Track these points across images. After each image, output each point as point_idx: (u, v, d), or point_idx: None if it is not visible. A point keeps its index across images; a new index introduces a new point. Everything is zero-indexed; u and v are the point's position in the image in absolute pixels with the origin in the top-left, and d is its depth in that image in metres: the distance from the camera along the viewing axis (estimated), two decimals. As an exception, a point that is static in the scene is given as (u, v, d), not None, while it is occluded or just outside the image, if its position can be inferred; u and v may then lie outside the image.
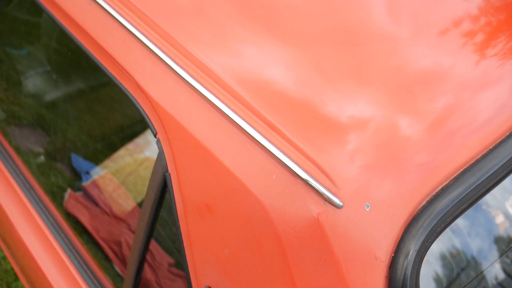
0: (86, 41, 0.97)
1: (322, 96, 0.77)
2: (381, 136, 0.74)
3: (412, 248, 0.69)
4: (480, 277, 0.90)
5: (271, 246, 0.73)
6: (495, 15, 0.94)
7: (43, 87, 2.01)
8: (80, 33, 0.97)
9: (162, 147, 0.85)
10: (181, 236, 0.85)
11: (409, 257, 0.69)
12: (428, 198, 0.72)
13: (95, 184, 1.87)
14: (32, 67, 2.03)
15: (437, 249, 0.85)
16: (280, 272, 0.73)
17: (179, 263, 1.69)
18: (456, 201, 0.71)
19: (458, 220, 0.81)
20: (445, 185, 0.73)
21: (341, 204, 0.69)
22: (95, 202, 1.82)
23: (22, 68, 2.02)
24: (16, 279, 2.11)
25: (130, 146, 1.98)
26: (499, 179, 0.75)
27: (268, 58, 0.81)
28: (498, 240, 0.93)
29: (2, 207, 1.45)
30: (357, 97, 0.77)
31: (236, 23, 0.86)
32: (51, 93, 2.02)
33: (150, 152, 1.96)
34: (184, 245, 0.86)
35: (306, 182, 0.70)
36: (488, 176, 0.74)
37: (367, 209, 0.70)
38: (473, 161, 0.76)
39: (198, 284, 0.86)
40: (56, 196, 1.77)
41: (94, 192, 1.84)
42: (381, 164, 0.72)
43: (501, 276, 0.93)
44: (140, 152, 1.97)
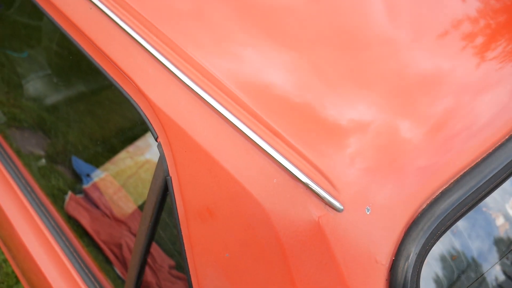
0: (87, 45, 0.97)
1: (322, 100, 0.77)
2: (381, 139, 0.74)
3: (412, 251, 0.69)
4: (481, 279, 0.90)
5: (272, 250, 0.73)
6: (495, 17, 0.94)
7: (44, 90, 2.01)
8: (81, 37, 0.98)
9: (163, 151, 0.85)
10: (182, 239, 0.85)
11: (409, 260, 0.69)
12: (428, 202, 0.73)
13: (95, 186, 1.87)
14: (33, 70, 2.03)
15: (438, 251, 0.85)
16: (281, 275, 0.73)
17: (180, 265, 1.69)
18: (456, 205, 0.72)
19: (458, 223, 0.81)
20: (445, 189, 0.74)
21: (342, 207, 0.69)
22: (95, 205, 1.82)
23: (23, 71, 2.02)
24: (17, 282, 2.11)
25: (131, 148, 1.98)
26: (499, 182, 0.76)
27: (268, 62, 0.81)
28: (498, 242, 0.93)
29: (3, 209, 1.45)
30: (357, 100, 0.77)
31: (236, 27, 0.86)
32: (51, 96, 2.02)
33: (150, 154, 1.96)
34: (185, 248, 0.86)
35: (306, 186, 0.70)
36: (488, 180, 0.74)
37: (368, 213, 0.70)
38: (473, 164, 0.76)
39: (199, 287, 0.86)
40: (57, 198, 1.77)
41: (94, 195, 1.84)
42: (381, 167, 0.73)
43: (502, 278, 0.93)
44: (141, 154, 1.97)
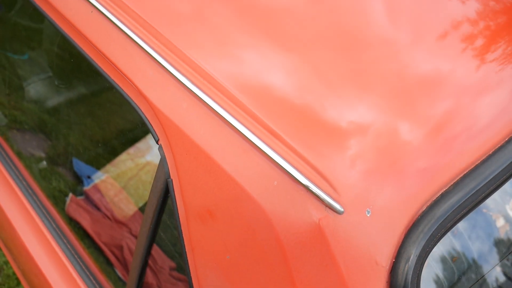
0: (88, 47, 0.97)
1: (322, 101, 0.77)
2: (381, 141, 0.74)
3: (412, 254, 0.69)
4: (481, 281, 0.90)
5: (272, 251, 0.73)
6: (494, 19, 0.94)
7: (45, 92, 2.01)
8: (82, 40, 0.98)
9: (164, 153, 0.85)
10: (183, 241, 0.85)
11: (409, 262, 0.69)
12: (428, 204, 0.73)
13: (96, 188, 1.87)
14: (34, 73, 2.03)
15: (438, 253, 0.85)
16: (281, 277, 0.74)
17: (181, 267, 1.69)
18: (456, 207, 0.72)
19: (459, 224, 0.81)
20: (445, 191, 0.74)
21: (342, 209, 0.69)
22: (96, 207, 1.82)
23: (24, 73, 2.02)
24: (18, 283, 2.11)
25: (131, 150, 1.98)
26: (498, 184, 0.76)
27: (268, 63, 0.81)
28: (499, 244, 0.93)
29: (4, 211, 1.46)
30: (357, 102, 0.77)
31: (236, 29, 0.86)
32: (52, 98, 2.02)
33: (151, 156, 1.97)
34: (186, 250, 0.86)
35: (307, 188, 0.70)
36: (487, 182, 0.74)
37: (368, 215, 0.70)
38: (472, 166, 0.76)
39: (200, 289, 0.86)
40: (58, 200, 1.77)
41: (95, 197, 1.84)
42: (381, 169, 0.73)
43: (503, 279, 0.93)
44: (141, 156, 1.97)
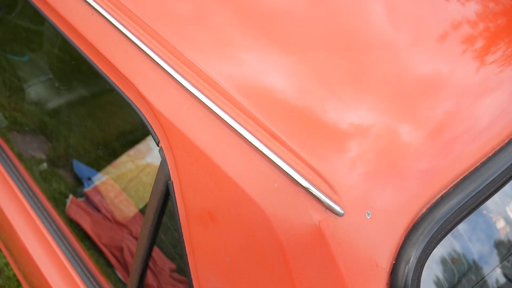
0: (88, 50, 0.97)
1: (322, 103, 0.77)
2: (381, 143, 0.75)
3: (412, 255, 0.69)
4: (481, 282, 0.90)
5: (273, 253, 0.73)
6: (494, 21, 0.94)
7: (45, 94, 2.02)
8: (82, 42, 0.98)
9: (164, 155, 0.85)
10: (184, 243, 0.86)
11: (409, 264, 0.69)
12: (428, 206, 0.73)
13: (96, 190, 1.87)
14: (34, 74, 2.04)
15: (439, 254, 0.85)
16: (282, 279, 0.74)
17: (181, 269, 1.69)
18: (456, 209, 0.72)
19: (459, 225, 0.81)
20: (445, 193, 0.74)
21: (342, 212, 0.69)
22: (97, 208, 1.82)
23: (24, 75, 2.02)
24: (19, 285, 2.12)
25: (132, 152, 1.98)
26: (498, 186, 0.76)
27: (268, 65, 0.82)
28: (499, 245, 0.93)
29: (5, 213, 1.46)
30: (357, 104, 0.77)
31: (236, 31, 0.87)
32: (53, 100, 2.02)
33: (151, 158, 1.97)
34: (186, 252, 0.86)
35: (307, 190, 0.71)
36: (487, 184, 0.74)
37: (368, 217, 0.70)
38: (472, 168, 0.76)
39: (201, 291, 0.86)
40: (58, 202, 1.77)
41: (96, 198, 1.84)
42: (381, 171, 0.73)
43: (503, 281, 0.93)
44: (142, 158, 1.97)
